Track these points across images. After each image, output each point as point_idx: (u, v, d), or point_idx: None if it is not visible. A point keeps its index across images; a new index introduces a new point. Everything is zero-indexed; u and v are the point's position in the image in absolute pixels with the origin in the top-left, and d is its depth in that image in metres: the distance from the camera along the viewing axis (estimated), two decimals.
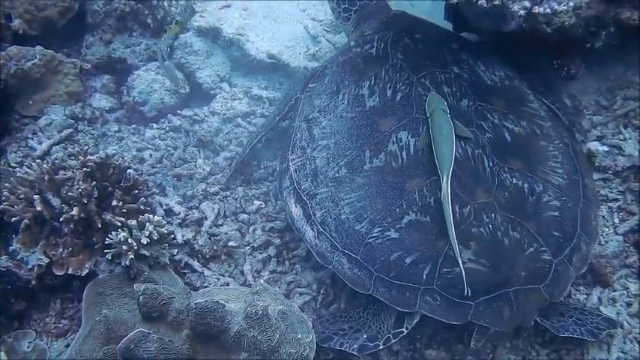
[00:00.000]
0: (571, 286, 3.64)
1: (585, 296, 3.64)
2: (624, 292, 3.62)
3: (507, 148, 3.59)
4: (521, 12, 3.09)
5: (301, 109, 4.01)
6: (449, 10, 4.39)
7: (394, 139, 3.58)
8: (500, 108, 3.76)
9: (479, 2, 3.18)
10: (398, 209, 3.40)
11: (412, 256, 3.30)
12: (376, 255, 3.37)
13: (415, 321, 3.35)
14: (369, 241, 3.39)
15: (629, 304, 3.58)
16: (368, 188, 3.50)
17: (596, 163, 4.00)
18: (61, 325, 3.67)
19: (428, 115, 3.55)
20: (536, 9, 3.07)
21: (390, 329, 3.39)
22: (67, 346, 3.52)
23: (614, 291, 3.63)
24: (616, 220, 3.84)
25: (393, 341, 3.35)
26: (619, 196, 3.92)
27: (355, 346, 3.37)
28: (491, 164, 3.49)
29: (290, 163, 3.83)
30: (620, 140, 4.09)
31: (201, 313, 3.01)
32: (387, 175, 3.50)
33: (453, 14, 4.35)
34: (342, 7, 4.65)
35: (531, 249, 3.32)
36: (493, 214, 3.34)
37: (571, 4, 3.20)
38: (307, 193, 3.67)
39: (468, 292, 3.15)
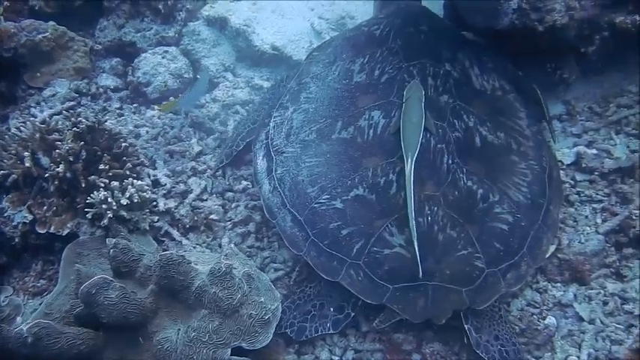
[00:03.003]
0: (548, 282, 3.62)
1: (562, 292, 3.57)
2: (601, 290, 3.56)
3: (473, 152, 3.55)
4: None
5: (299, 73, 4.12)
6: (447, 8, 4.46)
7: (366, 116, 3.63)
8: (480, 113, 3.70)
9: None
10: (349, 182, 3.44)
11: (349, 229, 3.34)
12: (317, 220, 3.42)
13: None
14: (315, 205, 3.44)
15: (605, 303, 3.51)
16: (329, 156, 3.56)
17: (583, 165, 3.96)
18: (39, 284, 3.73)
19: (404, 101, 3.58)
20: None
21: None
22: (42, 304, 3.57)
23: (591, 289, 3.57)
24: (599, 221, 3.78)
25: (359, 303, 3.35)
26: (604, 198, 3.87)
27: (329, 324, 3.38)
28: (449, 161, 3.46)
29: (271, 120, 3.93)
30: (611, 146, 4.05)
31: (166, 266, 3.03)
32: (349, 147, 3.55)
33: (450, 12, 4.40)
34: None
35: (465, 252, 3.27)
36: (435, 208, 3.31)
37: None
38: (276, 150, 3.75)
39: (421, 274, 3.15)
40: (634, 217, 3.68)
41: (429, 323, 3.45)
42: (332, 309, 3.40)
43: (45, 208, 3.71)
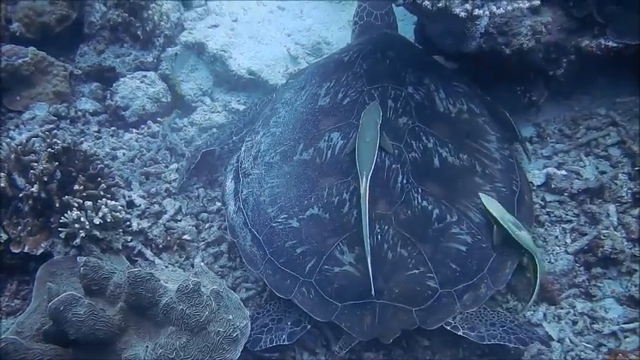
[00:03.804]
0: (519, 302, 3.63)
1: (532, 312, 3.60)
2: (570, 310, 3.59)
3: (430, 172, 3.55)
4: (463, 14, 3.19)
5: (274, 100, 4.21)
6: (417, 33, 4.55)
7: (326, 138, 3.70)
8: (442, 135, 3.69)
9: (423, 3, 3.28)
10: (306, 201, 3.50)
11: (303, 248, 3.40)
12: (275, 239, 3.48)
13: None
14: (274, 225, 3.50)
15: (574, 322, 3.54)
16: (290, 177, 3.63)
17: (553, 186, 4.02)
18: (13, 304, 3.74)
19: (360, 122, 3.62)
20: (477, 11, 3.17)
21: None
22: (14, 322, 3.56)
23: (561, 309, 3.61)
24: (568, 241, 3.83)
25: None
26: (573, 218, 3.93)
27: (284, 336, 3.37)
28: (404, 181, 3.48)
29: (244, 144, 4.01)
30: (580, 167, 4.12)
31: (134, 283, 3.03)
32: (308, 168, 3.62)
33: (420, 37, 4.50)
34: (354, 19, 4.88)
35: (416, 271, 3.27)
36: (386, 227, 3.34)
37: (509, 7, 3.25)
38: (244, 172, 3.82)
39: (373, 291, 3.18)
40: (602, 237, 3.72)
41: (399, 342, 3.48)
42: (289, 322, 3.42)
43: (19, 227, 3.73)
